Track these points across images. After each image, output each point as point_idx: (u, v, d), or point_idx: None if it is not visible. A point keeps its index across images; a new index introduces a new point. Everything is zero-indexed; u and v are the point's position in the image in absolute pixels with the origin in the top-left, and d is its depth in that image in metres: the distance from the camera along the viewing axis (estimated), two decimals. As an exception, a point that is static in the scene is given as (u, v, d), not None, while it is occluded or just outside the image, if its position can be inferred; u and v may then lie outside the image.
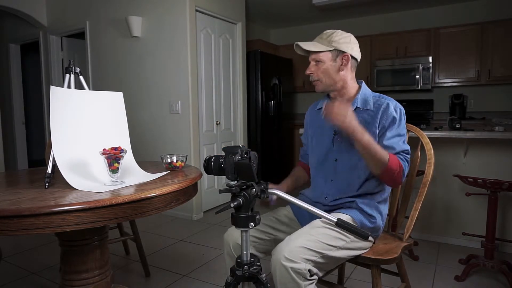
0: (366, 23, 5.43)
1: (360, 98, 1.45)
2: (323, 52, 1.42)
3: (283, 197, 1.17)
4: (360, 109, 1.43)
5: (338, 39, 1.41)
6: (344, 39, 1.42)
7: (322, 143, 1.51)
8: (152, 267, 2.44)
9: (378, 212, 1.43)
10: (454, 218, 2.77)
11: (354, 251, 1.36)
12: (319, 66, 1.44)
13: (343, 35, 1.43)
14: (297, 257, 1.19)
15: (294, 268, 1.18)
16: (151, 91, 3.78)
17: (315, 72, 1.45)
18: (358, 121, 1.28)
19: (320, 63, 1.43)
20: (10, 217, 0.96)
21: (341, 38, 1.42)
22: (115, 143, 1.38)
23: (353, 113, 1.26)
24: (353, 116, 1.25)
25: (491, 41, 4.45)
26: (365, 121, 1.39)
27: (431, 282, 2.19)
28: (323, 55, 1.42)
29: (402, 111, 1.41)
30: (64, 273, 1.37)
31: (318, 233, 1.29)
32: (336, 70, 1.43)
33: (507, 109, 4.61)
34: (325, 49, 1.42)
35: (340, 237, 1.31)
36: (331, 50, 1.41)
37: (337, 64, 1.43)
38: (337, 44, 1.41)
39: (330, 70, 1.43)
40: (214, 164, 1.10)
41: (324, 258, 1.26)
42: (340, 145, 1.45)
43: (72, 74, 1.47)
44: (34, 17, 4.50)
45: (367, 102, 1.43)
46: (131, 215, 1.11)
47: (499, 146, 2.57)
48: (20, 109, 5.50)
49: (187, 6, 3.44)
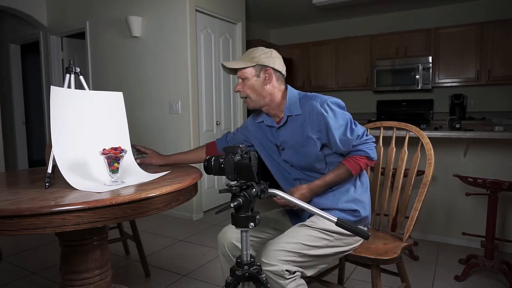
0: (366, 23, 5.43)
1: (288, 106, 1.46)
2: (246, 68, 1.44)
3: (282, 197, 1.17)
4: (292, 116, 1.45)
5: (259, 54, 1.44)
6: (265, 54, 1.45)
7: (273, 155, 1.56)
8: (152, 267, 2.44)
9: (359, 204, 1.44)
10: (454, 218, 2.77)
11: (342, 247, 1.38)
12: (245, 83, 1.46)
13: (263, 50, 1.46)
14: (274, 260, 1.24)
15: (271, 270, 1.24)
16: (151, 91, 3.78)
17: (242, 89, 1.47)
18: (293, 128, 1.42)
19: (246, 80, 1.45)
20: (10, 217, 0.96)
21: (262, 53, 1.45)
22: (115, 143, 1.38)
23: (296, 194, 1.39)
24: (303, 192, 1.39)
25: (491, 41, 4.45)
26: (300, 125, 1.42)
27: (431, 282, 2.19)
28: (246, 72, 1.44)
29: (332, 102, 1.39)
30: (64, 273, 1.37)
31: (299, 234, 1.34)
32: (261, 85, 1.45)
33: (507, 109, 4.61)
34: (247, 65, 1.44)
35: (322, 237, 1.35)
36: (254, 65, 1.43)
37: (261, 79, 1.45)
38: (258, 59, 1.44)
39: (256, 85, 1.45)
40: (214, 164, 1.10)
41: (304, 257, 1.30)
42: (286, 155, 1.49)
43: (72, 74, 1.47)
44: (34, 17, 4.50)
45: (294, 108, 1.44)
46: (131, 215, 1.11)
47: (499, 146, 2.57)
48: (20, 109, 5.50)
49: (187, 6, 3.45)
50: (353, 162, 1.38)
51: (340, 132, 1.37)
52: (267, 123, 1.54)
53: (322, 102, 1.38)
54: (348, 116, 1.40)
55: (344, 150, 1.39)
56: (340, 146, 1.38)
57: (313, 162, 1.43)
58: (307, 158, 1.43)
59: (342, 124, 1.37)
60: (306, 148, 1.42)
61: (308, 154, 1.42)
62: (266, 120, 1.55)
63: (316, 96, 1.42)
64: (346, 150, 1.39)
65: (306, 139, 1.41)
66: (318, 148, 1.40)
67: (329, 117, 1.36)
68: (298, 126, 1.42)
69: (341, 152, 1.41)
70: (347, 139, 1.37)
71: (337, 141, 1.36)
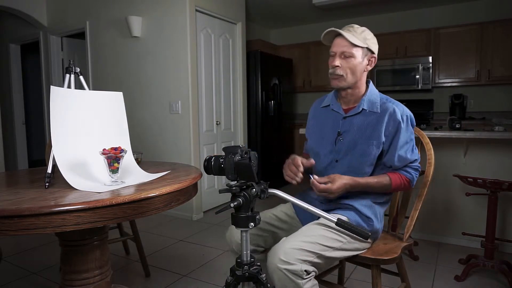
0: (366, 23, 5.35)
1: (367, 99, 1.42)
2: (357, 47, 1.36)
3: (282, 197, 1.17)
4: (366, 111, 1.41)
5: (370, 37, 1.38)
6: (374, 40, 1.40)
7: (324, 143, 1.49)
8: (152, 267, 2.44)
9: (375, 214, 1.43)
10: (454, 218, 2.77)
11: (351, 252, 1.36)
12: (347, 61, 1.36)
13: (371, 34, 1.40)
14: (293, 258, 1.19)
15: (289, 269, 1.18)
16: (151, 91, 3.78)
17: (342, 66, 1.37)
18: (363, 123, 1.35)
19: (351, 58, 1.36)
20: (10, 217, 0.96)
21: (372, 38, 1.39)
22: (115, 143, 1.38)
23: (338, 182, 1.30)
24: (339, 185, 1.30)
25: (491, 41, 4.45)
26: (370, 123, 1.38)
27: (431, 282, 2.19)
28: (356, 50, 1.36)
29: (410, 117, 1.39)
30: (64, 273, 1.37)
31: (315, 234, 1.29)
32: (362, 69, 1.39)
33: (507, 109, 4.61)
34: (361, 44, 1.36)
35: (337, 238, 1.32)
36: (364, 47, 1.37)
37: (364, 63, 1.39)
38: (370, 42, 1.38)
39: (358, 67, 1.38)
40: (214, 164, 1.10)
41: (321, 258, 1.27)
42: (341, 146, 1.44)
43: (72, 74, 1.47)
44: (34, 17, 4.50)
45: (373, 105, 1.41)
46: (131, 215, 1.11)
47: (499, 146, 2.57)
48: (20, 109, 5.50)
49: (187, 6, 3.44)
50: (397, 178, 1.37)
51: (403, 149, 1.36)
52: (334, 107, 1.48)
53: (403, 112, 1.37)
54: (414, 136, 1.41)
55: (397, 165, 1.38)
56: (395, 161, 1.37)
57: (365, 163, 1.38)
58: (362, 157, 1.38)
59: (409, 142, 1.37)
60: (366, 146, 1.37)
61: (366, 153, 1.38)
62: (333, 105, 1.49)
63: (398, 103, 1.40)
64: (398, 166, 1.38)
65: (372, 138, 1.37)
66: (378, 152, 1.37)
67: (402, 129, 1.35)
68: (370, 124, 1.38)
69: (390, 165, 1.39)
70: (405, 158, 1.37)
71: (396, 155, 1.36)
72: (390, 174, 1.39)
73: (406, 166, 1.39)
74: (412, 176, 1.39)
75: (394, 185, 1.37)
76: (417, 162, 1.40)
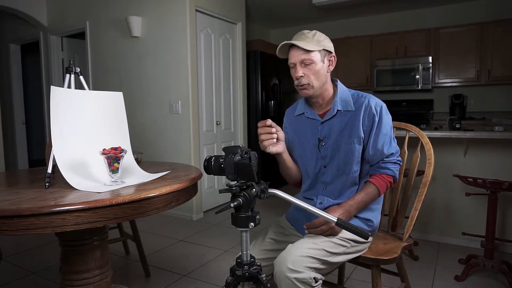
0: (366, 23, 5.43)
1: (339, 99, 1.40)
2: (314, 52, 1.33)
3: (282, 197, 1.16)
4: (341, 111, 1.39)
5: (323, 38, 1.36)
6: (327, 40, 1.38)
7: (308, 151, 1.47)
8: (152, 267, 2.44)
9: (373, 214, 1.43)
10: (454, 218, 2.77)
11: (353, 254, 1.37)
12: (309, 68, 1.34)
13: (323, 35, 1.38)
14: (301, 267, 1.18)
15: (298, 278, 1.16)
16: (151, 91, 3.78)
17: (306, 74, 1.35)
18: (341, 124, 1.37)
19: (312, 65, 1.34)
20: (10, 217, 0.96)
21: (325, 38, 1.37)
22: (115, 143, 1.38)
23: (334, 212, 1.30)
24: (340, 212, 1.31)
25: (491, 41, 4.45)
26: (348, 122, 1.38)
27: (431, 282, 2.19)
28: (314, 55, 1.33)
29: (384, 108, 1.38)
30: (64, 273, 1.37)
31: (321, 241, 1.29)
32: (325, 72, 1.38)
33: (507, 109, 4.61)
34: (316, 48, 1.34)
35: (341, 244, 1.32)
36: (320, 50, 1.35)
37: (325, 65, 1.37)
38: (324, 43, 1.36)
39: (321, 72, 1.35)
40: (214, 164, 1.09)
41: (325, 264, 1.27)
42: (326, 152, 1.42)
43: (72, 74, 1.48)
44: (34, 17, 4.51)
45: (347, 103, 1.39)
46: (131, 215, 1.11)
47: (499, 146, 2.57)
48: (20, 109, 5.51)
49: (187, 6, 3.45)
50: (381, 181, 1.37)
51: (380, 142, 1.35)
52: (308, 115, 1.46)
53: (377, 104, 1.36)
54: (391, 126, 1.39)
55: (372, 159, 1.38)
56: (371, 154, 1.36)
57: (351, 163, 1.37)
58: (348, 158, 1.37)
59: (386, 135, 1.36)
60: (349, 146, 1.37)
61: (350, 153, 1.37)
62: (307, 112, 1.47)
63: (370, 96, 1.38)
64: (374, 160, 1.38)
65: (352, 136, 1.36)
66: (361, 148, 1.36)
67: (377, 122, 1.34)
68: (348, 123, 1.37)
69: (367, 158, 1.39)
70: (381, 152, 1.36)
71: (372, 148, 1.35)
72: (372, 180, 1.37)
73: (384, 162, 1.37)
74: (392, 171, 1.37)
75: (381, 190, 1.37)
76: (394, 156, 1.38)
